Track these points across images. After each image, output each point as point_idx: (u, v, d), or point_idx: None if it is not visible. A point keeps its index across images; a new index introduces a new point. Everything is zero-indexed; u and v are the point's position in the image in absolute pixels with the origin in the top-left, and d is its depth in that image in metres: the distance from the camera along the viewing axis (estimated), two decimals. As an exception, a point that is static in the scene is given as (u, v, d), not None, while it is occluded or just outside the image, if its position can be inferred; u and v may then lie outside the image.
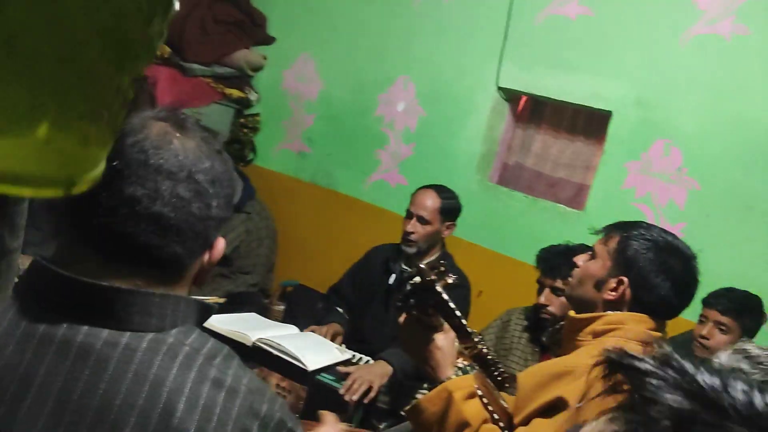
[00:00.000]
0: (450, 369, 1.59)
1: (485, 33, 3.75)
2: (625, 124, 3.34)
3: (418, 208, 2.94)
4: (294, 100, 4.49)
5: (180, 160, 0.88)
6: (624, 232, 1.68)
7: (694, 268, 1.67)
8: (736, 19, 3.07)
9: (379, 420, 2.70)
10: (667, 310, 1.66)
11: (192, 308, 0.94)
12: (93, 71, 0.45)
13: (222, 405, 0.86)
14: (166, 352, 0.86)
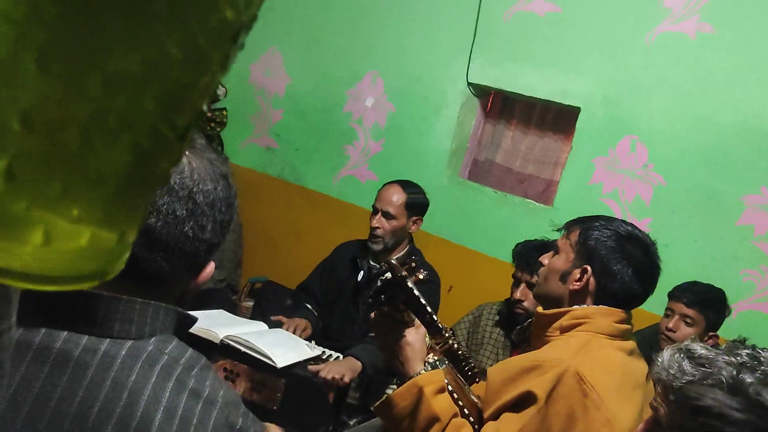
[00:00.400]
0: (420, 364, 1.58)
1: (454, 29, 3.75)
2: (593, 121, 3.37)
3: (384, 203, 2.91)
4: (261, 95, 4.45)
5: (183, 178, 0.86)
6: (585, 224, 1.72)
7: (654, 255, 1.70)
8: (701, 17, 3.12)
9: (350, 416, 2.70)
10: (631, 298, 1.68)
11: (172, 317, 0.92)
12: (146, 165, 0.44)
13: (199, 416, 0.85)
14: (145, 360, 0.85)
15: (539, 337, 1.72)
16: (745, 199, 3.02)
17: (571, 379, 1.47)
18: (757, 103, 3.00)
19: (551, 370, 1.51)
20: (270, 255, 4.25)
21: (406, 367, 1.58)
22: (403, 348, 1.58)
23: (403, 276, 1.50)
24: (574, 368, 1.49)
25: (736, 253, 3.04)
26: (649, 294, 1.70)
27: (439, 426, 1.51)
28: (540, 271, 1.82)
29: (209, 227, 0.90)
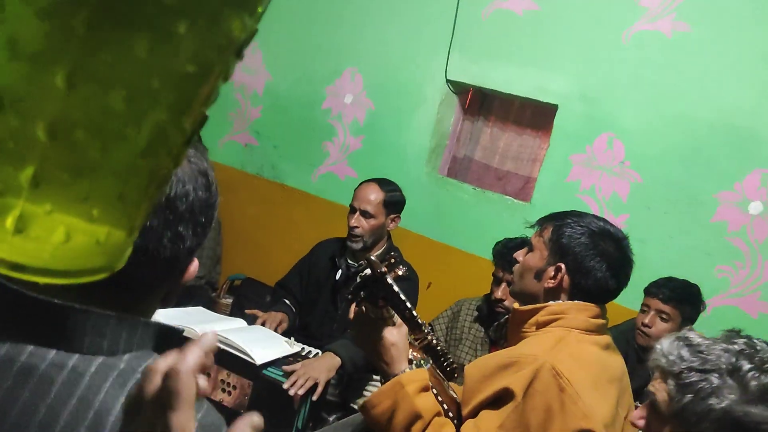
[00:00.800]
0: (404, 363, 1.59)
1: (433, 26, 3.76)
2: (571, 118, 3.40)
3: (362, 202, 2.90)
4: (240, 92, 4.42)
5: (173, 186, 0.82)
6: (557, 221, 1.73)
7: (627, 249, 1.71)
8: (677, 16, 3.15)
9: (329, 413, 2.70)
10: (605, 293, 1.70)
11: (151, 332, 0.87)
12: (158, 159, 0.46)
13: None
14: (115, 379, 0.80)
15: (516, 333, 1.73)
16: (719, 195, 3.06)
17: (548, 374, 1.48)
18: (731, 100, 3.04)
19: (528, 366, 1.52)
20: (249, 252, 4.23)
21: (390, 367, 1.58)
22: (387, 348, 1.58)
23: (382, 272, 1.50)
24: (551, 363, 1.50)
25: (710, 249, 3.08)
26: (622, 288, 1.72)
27: (422, 424, 1.51)
28: (515, 268, 1.83)
29: (189, 232, 0.85)
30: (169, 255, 0.84)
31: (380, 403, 1.54)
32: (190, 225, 0.85)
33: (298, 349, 2.60)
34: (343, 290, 2.98)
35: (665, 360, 1.33)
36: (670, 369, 1.31)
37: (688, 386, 1.26)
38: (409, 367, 1.58)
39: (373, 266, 1.51)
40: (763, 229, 2.98)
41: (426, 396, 1.55)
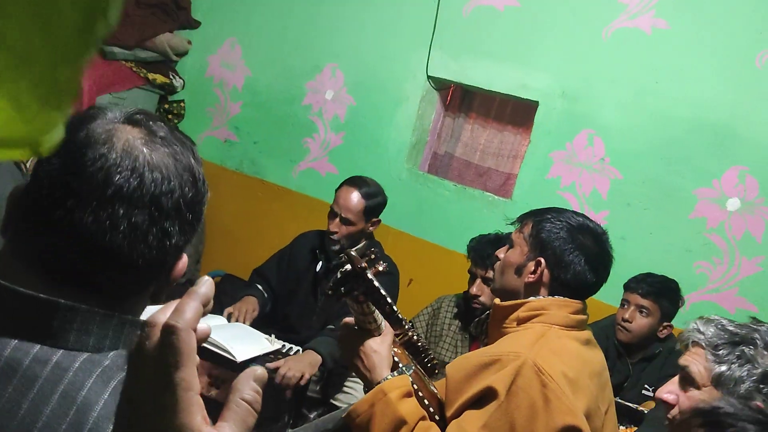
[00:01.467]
0: (386, 371, 1.58)
1: (414, 22, 3.75)
2: (551, 115, 3.40)
3: (343, 209, 2.87)
4: (220, 87, 4.39)
5: (142, 183, 0.79)
6: (537, 217, 1.74)
7: (606, 243, 1.73)
8: (656, 13, 3.17)
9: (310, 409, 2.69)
10: (585, 287, 1.70)
11: (137, 330, 0.86)
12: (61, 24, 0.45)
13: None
14: (99, 375, 0.80)
15: (497, 329, 1.73)
16: (698, 192, 3.08)
17: (530, 371, 1.48)
18: (710, 98, 3.06)
19: (510, 363, 1.52)
20: (229, 248, 4.21)
21: (372, 375, 1.57)
22: (369, 356, 1.58)
23: (362, 267, 1.49)
24: (532, 360, 1.50)
25: (689, 245, 3.10)
26: (602, 282, 1.73)
27: (407, 429, 1.50)
28: (495, 265, 1.83)
29: (176, 229, 0.83)
30: (156, 253, 0.83)
31: (364, 412, 1.53)
32: (176, 222, 0.83)
33: (279, 346, 2.59)
34: (323, 282, 2.97)
35: (701, 335, 1.44)
36: (707, 342, 1.42)
37: (727, 356, 1.39)
38: (391, 375, 1.57)
39: (353, 261, 1.50)
40: (740, 226, 3.01)
41: (409, 401, 1.54)
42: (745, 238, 3.00)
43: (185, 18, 4.37)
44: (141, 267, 0.82)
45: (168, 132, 0.86)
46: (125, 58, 4.02)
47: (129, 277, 0.83)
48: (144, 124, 0.84)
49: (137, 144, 0.81)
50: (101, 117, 0.83)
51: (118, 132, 0.81)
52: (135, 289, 0.86)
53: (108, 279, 0.82)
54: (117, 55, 3.97)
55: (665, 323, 2.81)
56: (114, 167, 0.78)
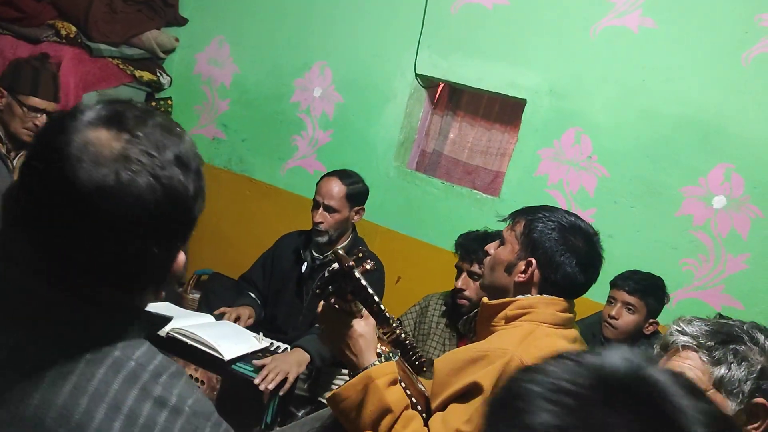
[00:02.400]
0: (373, 356, 1.58)
1: (403, 20, 3.75)
2: (539, 113, 3.41)
3: (324, 197, 2.89)
4: (207, 85, 4.37)
5: (114, 204, 0.78)
6: (529, 215, 1.74)
7: (597, 245, 1.73)
8: (643, 12, 3.18)
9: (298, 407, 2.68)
10: (575, 288, 1.71)
11: (144, 320, 0.88)
12: None
13: (162, 425, 0.81)
14: (110, 366, 0.82)
15: (485, 327, 1.74)
16: (685, 190, 3.10)
17: (516, 368, 1.49)
18: (696, 96, 3.08)
19: (497, 360, 1.52)
20: (216, 246, 4.19)
21: (359, 359, 1.58)
22: (356, 340, 1.58)
23: (350, 266, 1.50)
24: (519, 357, 1.51)
25: (675, 242, 3.12)
26: (592, 283, 1.74)
27: (391, 417, 1.51)
28: (485, 261, 1.84)
29: (157, 239, 0.83)
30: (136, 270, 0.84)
31: (349, 397, 1.53)
32: (156, 239, 0.83)
33: (267, 344, 2.58)
34: (308, 282, 2.97)
35: (689, 338, 1.38)
36: (698, 344, 1.36)
37: (722, 357, 1.34)
38: (377, 360, 1.58)
39: (341, 261, 1.50)
40: (726, 223, 3.03)
41: (395, 389, 1.55)
42: (731, 236, 3.02)
43: (172, 15, 4.35)
44: (125, 281, 0.84)
45: (148, 140, 0.82)
46: (112, 55, 4.00)
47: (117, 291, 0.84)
48: (122, 129, 0.81)
49: (108, 162, 0.78)
50: (74, 122, 0.81)
51: (90, 146, 0.79)
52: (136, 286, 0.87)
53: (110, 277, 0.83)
54: (103, 52, 3.94)
55: (651, 320, 2.83)
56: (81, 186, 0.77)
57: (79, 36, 3.88)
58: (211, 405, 0.90)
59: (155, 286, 0.91)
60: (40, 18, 3.84)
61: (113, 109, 0.83)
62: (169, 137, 0.85)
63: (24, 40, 3.79)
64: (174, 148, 0.84)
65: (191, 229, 0.89)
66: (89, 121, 0.81)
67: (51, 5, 3.88)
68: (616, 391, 0.58)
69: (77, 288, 0.82)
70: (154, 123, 0.84)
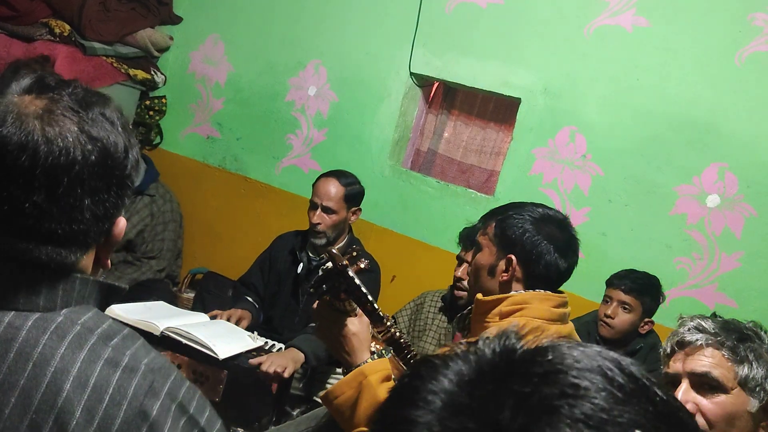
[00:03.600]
0: (366, 353, 1.59)
1: (397, 19, 3.75)
2: (534, 112, 3.42)
3: (322, 198, 2.89)
4: (202, 83, 4.36)
5: (36, 158, 0.79)
6: (498, 216, 1.76)
7: (570, 227, 1.75)
8: (637, 11, 3.19)
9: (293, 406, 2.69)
10: (559, 275, 1.73)
11: (90, 289, 0.88)
12: None
13: (116, 384, 0.81)
14: (53, 331, 0.82)
15: (479, 323, 1.74)
16: (679, 189, 3.11)
17: None
18: (690, 95, 3.09)
19: None
20: (211, 245, 4.19)
21: (352, 357, 1.58)
22: (349, 339, 1.58)
23: (344, 265, 1.50)
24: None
25: (669, 241, 3.13)
26: (573, 267, 1.75)
27: None
28: (468, 270, 1.85)
29: (89, 202, 0.84)
30: (67, 228, 0.83)
31: (343, 393, 1.53)
32: (85, 195, 0.83)
33: (261, 343, 2.58)
34: (304, 283, 2.97)
35: (710, 336, 1.34)
36: (720, 342, 1.33)
37: (745, 355, 1.32)
38: (371, 358, 1.58)
39: (334, 259, 1.51)
40: (720, 222, 3.04)
41: (388, 386, 1.55)
42: (725, 234, 3.03)
43: (166, 13, 4.34)
44: (57, 240, 0.83)
45: (71, 99, 0.84)
46: (105, 53, 3.98)
47: (48, 250, 0.84)
48: (44, 92, 0.83)
49: (30, 118, 0.80)
50: (6, 88, 0.83)
51: (13, 107, 0.81)
52: (59, 261, 0.85)
53: (26, 253, 0.83)
54: (97, 51, 3.93)
55: (647, 319, 2.84)
56: (4, 147, 0.79)
57: (73, 34, 3.87)
58: (173, 365, 0.90)
59: (93, 247, 0.90)
60: (33, 16, 3.83)
61: (36, 77, 0.86)
62: (93, 97, 0.87)
63: (17, 38, 3.77)
64: (98, 107, 0.86)
65: (125, 186, 0.89)
66: (14, 91, 0.83)
67: (44, 3, 3.87)
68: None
69: (10, 249, 0.82)
70: (76, 86, 0.87)
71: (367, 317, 1.62)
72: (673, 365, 1.39)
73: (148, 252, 3.57)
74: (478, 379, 0.49)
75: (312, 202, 2.93)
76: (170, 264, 3.75)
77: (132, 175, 0.89)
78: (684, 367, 1.37)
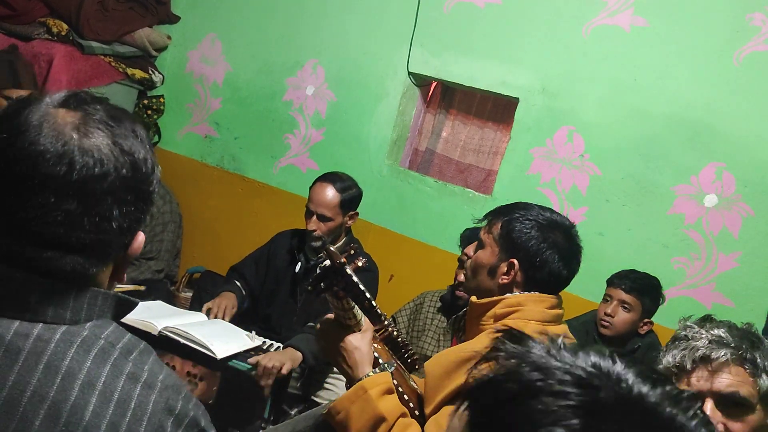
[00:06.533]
0: (367, 367, 1.59)
1: (395, 18, 3.75)
2: (532, 111, 3.42)
3: (318, 206, 2.86)
4: (200, 83, 4.36)
5: (72, 169, 0.81)
6: (505, 216, 1.73)
7: (575, 237, 1.73)
8: (635, 11, 3.19)
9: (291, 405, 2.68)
10: (559, 282, 1.72)
11: (110, 302, 0.90)
12: None
13: (137, 400, 0.84)
14: (80, 345, 0.84)
15: (474, 325, 1.74)
16: (676, 188, 3.11)
17: None
18: (688, 95, 3.09)
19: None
20: (209, 245, 4.18)
21: (354, 372, 1.58)
22: (351, 353, 1.59)
23: (341, 263, 1.50)
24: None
25: (667, 241, 3.13)
26: (574, 275, 1.74)
27: (386, 426, 1.51)
28: (467, 264, 1.83)
29: (115, 213, 0.85)
30: (96, 237, 0.85)
31: (344, 409, 1.53)
32: (115, 206, 0.85)
33: (259, 342, 2.58)
34: (302, 283, 2.96)
35: (732, 351, 1.26)
36: (740, 358, 1.26)
37: (762, 367, 1.25)
38: (372, 372, 1.57)
39: (332, 257, 1.50)
40: (717, 222, 3.04)
41: (389, 398, 1.54)
42: (722, 234, 3.03)
43: (164, 13, 4.33)
44: (83, 250, 0.85)
45: (105, 113, 0.86)
46: (103, 52, 3.98)
47: (73, 258, 0.85)
48: (80, 106, 0.85)
49: (67, 129, 0.82)
50: (37, 102, 0.84)
51: (50, 117, 0.82)
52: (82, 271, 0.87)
53: (51, 261, 0.84)
54: (95, 50, 3.92)
55: (646, 320, 2.84)
56: (42, 155, 0.80)
57: (71, 33, 3.87)
58: (179, 379, 0.94)
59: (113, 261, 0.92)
60: (31, 15, 3.82)
61: (70, 93, 0.87)
62: (123, 114, 0.89)
63: (15, 37, 3.76)
64: (129, 123, 0.88)
65: (149, 201, 0.91)
66: (49, 102, 0.85)
67: (42, 2, 3.86)
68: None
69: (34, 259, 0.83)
70: (107, 104, 0.89)
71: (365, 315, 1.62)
72: (696, 384, 1.28)
73: (147, 253, 3.56)
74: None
75: (308, 209, 2.90)
76: (169, 264, 3.75)
77: (155, 191, 0.92)
78: (711, 386, 1.27)
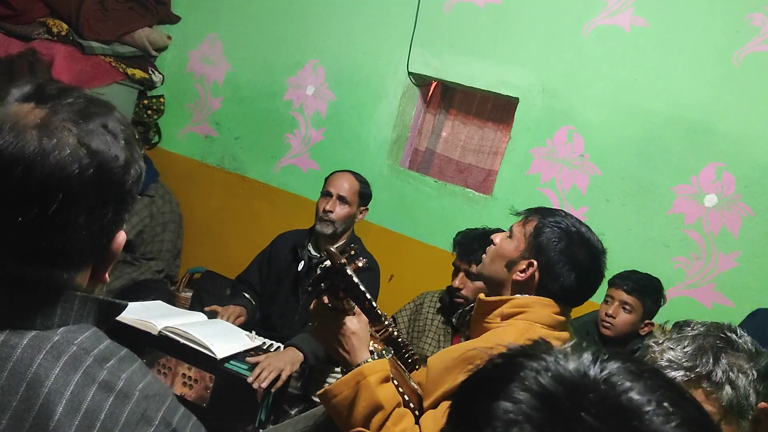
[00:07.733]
0: (366, 353, 1.58)
1: (395, 18, 3.75)
2: (531, 111, 3.42)
3: (339, 188, 2.95)
4: (200, 83, 4.36)
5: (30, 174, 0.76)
6: (542, 217, 1.74)
7: (602, 264, 1.73)
8: (635, 11, 3.19)
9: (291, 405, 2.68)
10: (569, 298, 1.72)
11: (90, 307, 0.86)
12: None
13: (109, 410, 0.79)
14: (49, 351, 0.79)
15: (480, 324, 1.74)
16: (676, 188, 3.11)
17: None
18: (688, 95, 3.09)
19: None
20: (209, 245, 4.18)
21: (351, 356, 1.58)
22: (348, 337, 1.58)
23: (342, 263, 1.50)
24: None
25: (667, 240, 3.13)
26: (586, 299, 1.74)
27: (383, 414, 1.51)
28: (488, 249, 1.83)
29: (80, 220, 0.80)
30: (60, 246, 0.81)
31: (341, 393, 1.53)
32: (81, 211, 0.80)
33: (259, 342, 2.57)
34: (304, 282, 2.97)
35: (684, 373, 1.23)
36: (697, 375, 1.23)
37: (722, 380, 1.22)
38: (370, 358, 1.58)
39: (333, 258, 1.50)
40: (717, 222, 3.04)
41: (387, 387, 1.55)
42: (722, 234, 3.04)
43: (165, 13, 4.34)
44: (50, 258, 0.81)
45: (72, 109, 0.81)
46: (104, 53, 3.98)
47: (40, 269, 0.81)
48: (46, 102, 0.81)
49: (28, 129, 0.78)
50: (3, 100, 0.80)
51: (11, 117, 0.78)
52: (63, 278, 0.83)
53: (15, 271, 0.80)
54: (95, 50, 3.93)
55: (647, 321, 2.84)
56: (6, 151, 0.76)
57: (71, 33, 3.87)
58: (168, 390, 0.88)
59: (90, 264, 0.88)
60: (30, 15, 3.83)
61: (36, 84, 0.82)
62: (95, 107, 0.84)
63: (15, 37, 3.77)
64: (100, 118, 0.83)
65: (125, 202, 0.86)
66: (12, 99, 0.80)
67: (42, 2, 3.86)
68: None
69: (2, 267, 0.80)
70: (78, 95, 0.84)
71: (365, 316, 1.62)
72: None
73: (147, 253, 3.56)
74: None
75: (326, 191, 2.98)
76: (169, 264, 3.75)
77: (133, 190, 0.86)
78: None
